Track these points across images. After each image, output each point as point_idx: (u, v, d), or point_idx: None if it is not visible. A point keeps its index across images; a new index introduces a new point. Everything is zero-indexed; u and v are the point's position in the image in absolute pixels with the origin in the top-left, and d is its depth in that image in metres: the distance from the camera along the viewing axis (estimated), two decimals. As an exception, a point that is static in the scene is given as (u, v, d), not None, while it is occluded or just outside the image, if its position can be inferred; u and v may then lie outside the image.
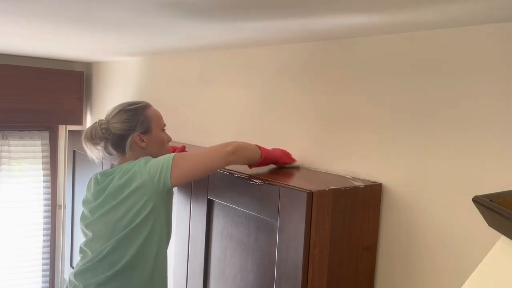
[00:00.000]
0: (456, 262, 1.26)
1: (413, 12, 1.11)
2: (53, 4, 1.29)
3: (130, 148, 1.58)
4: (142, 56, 2.75)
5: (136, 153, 1.59)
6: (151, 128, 1.61)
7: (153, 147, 1.62)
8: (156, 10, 1.28)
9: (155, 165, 1.46)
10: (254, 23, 1.38)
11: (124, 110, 1.60)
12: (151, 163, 1.48)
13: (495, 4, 0.99)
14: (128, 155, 1.58)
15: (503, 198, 0.78)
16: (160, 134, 1.65)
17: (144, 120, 1.60)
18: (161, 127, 1.66)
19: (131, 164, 1.51)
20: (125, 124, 1.58)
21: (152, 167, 1.46)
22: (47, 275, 3.60)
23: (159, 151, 1.63)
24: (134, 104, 1.63)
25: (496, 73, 1.18)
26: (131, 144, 1.58)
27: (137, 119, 1.59)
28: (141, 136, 1.59)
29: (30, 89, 3.21)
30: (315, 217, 1.25)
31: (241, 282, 1.49)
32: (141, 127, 1.59)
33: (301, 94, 1.72)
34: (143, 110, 1.62)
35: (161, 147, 1.65)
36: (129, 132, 1.57)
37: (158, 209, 1.47)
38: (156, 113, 1.66)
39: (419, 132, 1.35)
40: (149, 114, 1.62)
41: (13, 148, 3.37)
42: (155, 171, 1.45)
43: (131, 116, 1.59)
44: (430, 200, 1.32)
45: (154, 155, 1.60)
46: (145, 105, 1.64)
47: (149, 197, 1.44)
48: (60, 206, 3.64)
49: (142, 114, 1.60)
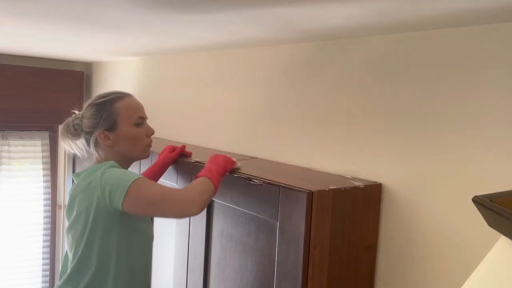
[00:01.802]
0: (456, 262, 1.26)
1: (413, 11, 1.11)
2: (53, 4, 1.29)
3: (96, 146, 1.46)
4: (142, 56, 2.75)
5: (105, 152, 1.46)
6: (117, 123, 1.44)
7: (122, 145, 1.46)
8: (156, 9, 1.28)
9: (110, 183, 1.31)
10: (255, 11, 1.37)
11: (92, 105, 1.48)
12: (107, 177, 1.33)
13: (495, 4, 0.99)
14: (98, 155, 1.46)
15: (503, 198, 0.78)
16: (131, 129, 1.47)
17: (109, 116, 1.44)
18: (132, 121, 1.47)
19: (91, 171, 1.39)
20: (91, 120, 1.45)
21: (107, 184, 1.32)
22: (47, 275, 3.59)
23: (130, 149, 1.48)
24: (103, 97, 1.48)
25: (496, 73, 1.18)
26: (95, 142, 1.45)
27: (101, 114, 1.44)
28: (105, 133, 1.44)
29: (30, 89, 3.22)
30: (315, 217, 1.25)
31: (241, 282, 1.49)
32: (105, 123, 1.44)
33: (301, 94, 1.72)
34: (110, 104, 1.46)
35: (133, 143, 1.48)
36: (93, 129, 1.45)
37: (113, 228, 1.36)
38: (127, 106, 1.48)
39: (419, 132, 1.35)
40: (116, 107, 1.45)
41: (13, 148, 3.37)
42: (109, 190, 1.31)
43: (96, 112, 1.45)
44: (430, 200, 1.32)
45: (126, 153, 1.48)
46: (114, 98, 1.48)
47: (102, 215, 1.33)
48: (60, 206, 3.64)
49: (107, 109, 1.45)
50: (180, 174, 1.77)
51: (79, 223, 1.39)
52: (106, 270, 1.38)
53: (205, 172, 1.39)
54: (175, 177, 1.79)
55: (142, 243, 1.48)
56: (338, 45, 1.59)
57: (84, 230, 1.37)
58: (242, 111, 2.01)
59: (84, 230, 1.37)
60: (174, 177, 1.79)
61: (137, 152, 1.50)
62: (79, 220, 1.38)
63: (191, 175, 1.69)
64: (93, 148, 1.47)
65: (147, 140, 1.52)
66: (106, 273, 1.38)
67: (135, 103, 1.51)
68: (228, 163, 1.48)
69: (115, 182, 1.31)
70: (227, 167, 1.47)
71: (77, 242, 1.39)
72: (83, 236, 1.37)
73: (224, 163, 1.46)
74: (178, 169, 1.78)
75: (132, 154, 1.50)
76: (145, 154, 1.53)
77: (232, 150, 2.06)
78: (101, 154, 1.47)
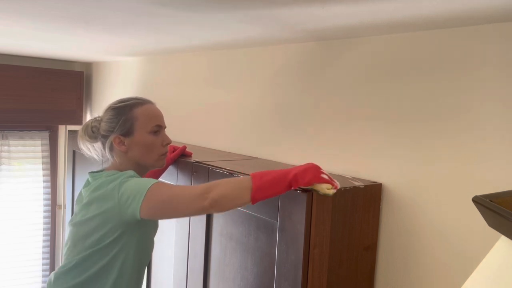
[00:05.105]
0: (456, 262, 1.26)
1: (413, 11, 1.11)
2: (53, 4, 1.29)
3: (111, 151, 1.43)
4: (142, 56, 2.75)
5: (119, 157, 1.43)
6: (133, 129, 1.41)
7: (136, 152, 1.42)
8: (156, 8, 1.28)
9: (129, 190, 1.28)
10: (255, 11, 1.37)
11: (111, 108, 1.45)
12: (126, 186, 1.29)
13: (495, 4, 0.99)
14: (113, 160, 1.44)
15: (503, 198, 0.78)
16: (146, 137, 1.43)
17: (126, 120, 1.41)
18: (149, 129, 1.43)
19: (109, 178, 1.35)
20: (108, 124, 1.43)
21: (125, 192, 1.28)
22: (47, 275, 3.59)
23: (144, 157, 1.44)
24: (123, 102, 1.45)
25: (496, 73, 1.18)
26: (110, 147, 1.42)
27: (118, 119, 1.41)
28: (121, 138, 1.41)
29: (30, 89, 3.22)
30: (315, 217, 1.25)
31: (241, 282, 1.49)
32: (121, 128, 1.41)
33: (301, 94, 1.72)
34: (129, 109, 1.43)
35: (147, 151, 1.43)
36: (109, 133, 1.42)
37: (126, 238, 1.34)
38: (146, 112, 1.44)
39: (419, 132, 1.35)
40: (134, 113, 1.42)
41: (13, 148, 3.37)
42: (127, 197, 1.28)
43: (114, 115, 1.43)
44: (430, 200, 1.32)
45: (139, 160, 1.44)
46: (134, 103, 1.45)
47: (114, 225, 1.31)
48: (60, 206, 3.64)
49: (125, 114, 1.42)
50: (180, 174, 1.77)
51: (89, 226, 1.36)
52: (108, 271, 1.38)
53: (259, 172, 1.23)
54: (175, 177, 1.79)
55: (147, 247, 1.47)
56: (338, 45, 1.59)
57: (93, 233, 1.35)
58: (242, 111, 2.01)
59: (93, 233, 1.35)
60: (174, 177, 1.79)
61: (150, 160, 1.45)
62: (91, 222, 1.36)
63: (191, 175, 1.69)
64: (108, 152, 1.44)
65: (163, 149, 1.47)
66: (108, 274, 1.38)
67: (154, 110, 1.48)
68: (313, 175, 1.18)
69: (134, 189, 1.28)
70: (305, 179, 1.17)
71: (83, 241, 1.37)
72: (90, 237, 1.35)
73: (304, 172, 1.18)
74: (178, 169, 1.78)
75: (145, 162, 1.45)
76: (159, 163, 1.48)
77: (232, 150, 2.06)
78: (116, 159, 1.44)
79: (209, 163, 1.67)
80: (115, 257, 1.36)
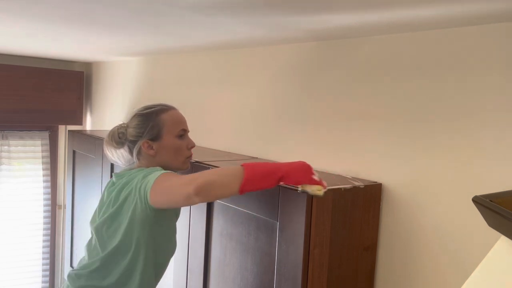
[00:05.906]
0: (456, 262, 1.26)
1: (413, 11, 1.11)
2: (53, 4, 1.29)
3: (139, 155, 1.49)
4: (142, 56, 2.75)
5: (146, 161, 1.49)
6: (161, 134, 1.48)
7: (164, 155, 1.49)
8: (156, 8, 1.28)
9: (146, 179, 1.34)
10: (257, 18, 1.38)
11: (138, 115, 1.51)
12: (148, 178, 1.34)
13: (495, 4, 0.99)
14: (139, 163, 1.50)
15: (503, 198, 0.78)
16: (173, 141, 1.49)
17: (154, 126, 1.48)
18: (176, 133, 1.50)
19: (133, 175, 1.41)
20: (136, 130, 1.49)
21: (143, 182, 1.34)
22: (47, 275, 3.60)
23: (172, 160, 1.50)
24: (149, 108, 1.52)
25: (496, 73, 1.18)
26: (139, 151, 1.49)
27: (146, 124, 1.48)
28: (149, 143, 1.47)
29: (30, 89, 3.22)
30: (315, 217, 1.25)
31: (241, 282, 1.49)
32: (150, 133, 1.47)
33: (301, 94, 1.72)
34: (156, 115, 1.50)
35: (175, 154, 1.50)
36: (137, 138, 1.48)
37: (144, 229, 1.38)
38: (172, 118, 1.51)
39: (419, 132, 1.35)
40: (162, 119, 1.49)
41: (13, 148, 3.37)
42: (144, 186, 1.33)
43: (142, 122, 1.49)
44: (430, 200, 1.32)
45: (167, 163, 1.49)
46: (160, 109, 1.52)
47: (136, 215, 1.35)
48: (60, 206, 3.64)
49: (153, 120, 1.49)
50: (180, 174, 1.76)
51: (113, 224, 1.41)
52: (134, 267, 1.41)
53: (250, 163, 1.26)
54: (175, 177, 1.79)
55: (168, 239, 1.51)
56: (338, 45, 1.59)
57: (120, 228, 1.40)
58: (243, 111, 2.01)
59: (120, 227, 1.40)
60: (174, 177, 1.79)
61: (177, 163, 1.51)
62: (116, 217, 1.41)
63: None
64: (135, 156, 1.49)
65: (188, 152, 1.54)
66: (134, 270, 1.41)
67: (179, 116, 1.55)
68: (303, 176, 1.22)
69: (149, 179, 1.33)
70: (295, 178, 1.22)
71: (111, 237, 1.42)
72: (118, 233, 1.40)
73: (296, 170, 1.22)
74: (178, 169, 1.78)
75: (172, 165, 1.50)
76: (185, 166, 1.54)
77: (232, 150, 2.06)
78: (142, 162, 1.49)
79: (209, 163, 1.67)
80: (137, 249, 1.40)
